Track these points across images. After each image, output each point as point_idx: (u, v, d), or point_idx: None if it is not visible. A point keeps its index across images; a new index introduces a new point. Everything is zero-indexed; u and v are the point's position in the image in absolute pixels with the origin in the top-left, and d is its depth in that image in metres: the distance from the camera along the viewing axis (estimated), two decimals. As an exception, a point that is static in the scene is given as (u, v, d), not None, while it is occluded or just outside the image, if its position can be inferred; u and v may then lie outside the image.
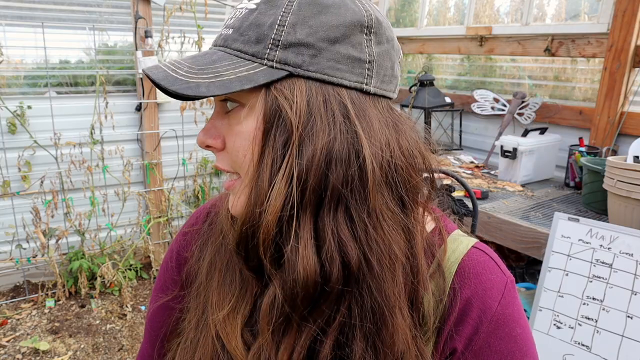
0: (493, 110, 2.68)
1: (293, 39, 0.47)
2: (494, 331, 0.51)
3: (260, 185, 0.47)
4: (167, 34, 2.79)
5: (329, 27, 0.48)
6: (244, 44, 0.48)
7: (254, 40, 0.48)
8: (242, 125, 0.49)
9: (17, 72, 2.62)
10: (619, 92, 2.10)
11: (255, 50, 0.48)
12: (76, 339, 2.38)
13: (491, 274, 0.54)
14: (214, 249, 0.60)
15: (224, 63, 0.48)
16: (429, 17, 3.30)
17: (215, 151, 0.53)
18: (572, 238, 1.44)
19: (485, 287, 0.52)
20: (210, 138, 0.52)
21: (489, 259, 0.55)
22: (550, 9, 2.63)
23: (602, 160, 1.83)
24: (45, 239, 2.62)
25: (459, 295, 0.52)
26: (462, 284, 0.53)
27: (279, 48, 0.47)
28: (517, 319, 0.53)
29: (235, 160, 0.51)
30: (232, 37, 0.49)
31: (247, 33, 0.48)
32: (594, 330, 1.32)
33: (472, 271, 0.53)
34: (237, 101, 0.50)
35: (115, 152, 2.79)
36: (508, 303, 0.52)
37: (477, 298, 0.52)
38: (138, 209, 2.98)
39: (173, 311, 0.66)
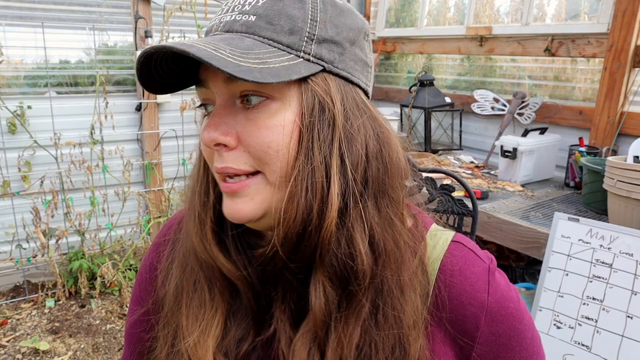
0: (493, 110, 2.68)
1: (326, 35, 0.48)
2: (494, 319, 0.53)
3: (312, 180, 0.47)
4: (167, 34, 2.79)
5: (349, 29, 0.51)
6: (277, 34, 0.47)
7: (288, 30, 0.47)
8: (273, 119, 0.47)
9: (17, 72, 2.62)
10: (619, 92, 2.10)
11: (291, 42, 0.47)
12: (76, 339, 2.38)
13: (473, 267, 0.55)
14: (179, 271, 0.58)
15: (262, 50, 0.46)
16: (429, 17, 3.30)
17: (226, 150, 0.49)
18: (572, 238, 1.44)
19: (472, 282, 0.54)
20: (222, 135, 0.48)
21: (468, 250, 0.57)
22: (550, 9, 2.63)
23: (602, 160, 1.83)
24: (45, 239, 2.62)
25: (447, 294, 0.54)
26: (448, 283, 0.54)
27: (313, 42, 0.48)
28: (506, 297, 0.54)
29: (261, 157, 0.47)
30: (258, 25, 0.47)
31: (279, 22, 0.47)
32: (594, 330, 1.32)
33: (455, 268, 0.55)
34: (265, 94, 0.47)
35: (115, 152, 2.79)
36: (495, 289, 0.54)
37: (467, 295, 0.53)
38: (138, 209, 2.98)
39: (149, 325, 0.66)
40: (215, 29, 0.50)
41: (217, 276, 0.54)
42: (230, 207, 0.50)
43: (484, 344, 0.53)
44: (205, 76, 0.50)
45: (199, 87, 0.52)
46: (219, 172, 0.50)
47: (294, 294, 0.52)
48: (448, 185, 1.18)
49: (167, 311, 0.60)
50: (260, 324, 0.55)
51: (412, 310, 0.51)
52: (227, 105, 0.49)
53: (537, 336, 0.57)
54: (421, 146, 2.90)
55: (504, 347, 0.53)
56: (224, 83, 0.48)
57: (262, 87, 0.46)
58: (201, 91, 0.52)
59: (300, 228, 0.47)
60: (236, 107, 0.49)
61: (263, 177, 0.49)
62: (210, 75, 0.49)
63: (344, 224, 0.48)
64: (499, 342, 0.53)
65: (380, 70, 3.62)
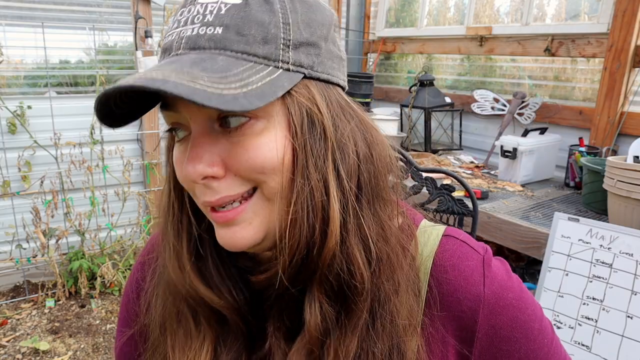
0: (493, 110, 2.68)
1: (301, 38, 0.45)
2: (492, 311, 0.51)
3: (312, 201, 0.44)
4: (167, 34, 2.79)
5: (321, 25, 0.47)
6: (249, 45, 0.43)
7: (261, 40, 0.43)
8: (261, 138, 0.43)
9: (17, 72, 2.62)
10: (619, 92, 2.10)
11: (267, 52, 0.43)
12: (76, 339, 2.38)
13: (467, 260, 0.53)
14: (161, 302, 0.56)
15: (240, 69, 0.42)
16: (429, 17, 3.30)
17: (216, 181, 0.44)
18: (572, 238, 1.44)
19: (466, 276, 0.52)
20: (208, 166, 0.43)
21: (460, 243, 0.55)
22: (550, 9, 2.63)
23: (602, 160, 1.83)
24: (45, 239, 2.62)
25: (442, 291, 0.52)
26: (442, 280, 0.52)
27: (290, 49, 0.44)
28: (504, 286, 0.52)
29: (256, 177, 0.44)
30: (227, 38, 0.43)
31: (249, 32, 0.43)
32: (594, 330, 1.32)
33: (448, 264, 0.52)
34: (247, 115, 0.43)
35: (115, 152, 2.79)
36: (491, 279, 0.52)
37: (462, 290, 0.51)
38: (138, 209, 2.98)
39: (138, 347, 0.64)
40: (176, 47, 0.44)
41: (200, 306, 0.52)
42: (228, 237, 0.46)
43: (484, 339, 0.51)
44: (174, 101, 0.44)
45: (165, 111, 0.46)
46: (214, 205, 0.45)
47: (288, 310, 0.50)
48: (448, 185, 1.18)
49: (154, 341, 0.58)
50: (252, 343, 0.53)
51: (407, 313, 0.49)
52: (205, 132, 0.44)
53: (547, 325, 0.54)
54: (421, 146, 2.90)
55: (507, 339, 0.51)
56: (197, 107, 0.43)
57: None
58: (168, 115, 0.46)
59: (304, 252, 0.45)
60: (215, 131, 0.44)
61: (259, 194, 0.45)
62: (183, 101, 0.42)
63: (343, 239, 0.46)
64: (500, 335, 0.51)
65: (380, 70, 3.62)
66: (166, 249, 0.52)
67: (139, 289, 0.64)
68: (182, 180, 0.47)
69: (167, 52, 0.45)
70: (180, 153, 0.47)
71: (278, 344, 0.50)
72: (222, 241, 0.47)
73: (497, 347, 0.51)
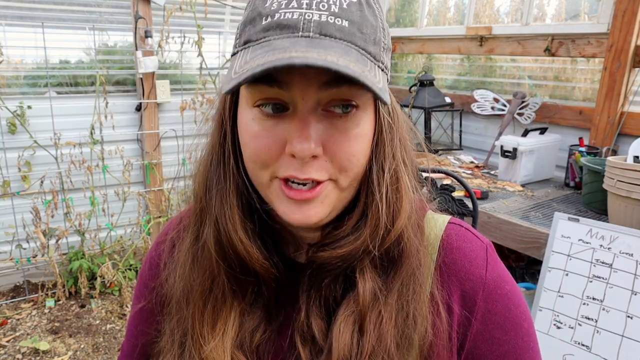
0: (493, 110, 2.68)
1: (389, 44, 0.50)
2: (489, 295, 0.55)
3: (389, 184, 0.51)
4: (167, 34, 2.79)
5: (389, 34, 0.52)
6: (366, 43, 0.46)
7: (372, 41, 0.46)
8: (359, 128, 0.48)
9: (17, 72, 2.62)
10: (619, 92, 2.10)
11: (375, 52, 0.47)
12: (76, 339, 2.38)
13: (471, 244, 0.57)
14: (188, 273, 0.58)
15: (368, 65, 0.45)
16: (429, 17, 3.30)
17: (313, 160, 0.47)
18: (572, 238, 1.44)
19: (470, 259, 0.56)
20: (317, 146, 0.46)
21: (465, 230, 0.59)
22: (550, 9, 2.63)
23: (602, 160, 1.82)
24: (45, 239, 2.62)
25: (447, 271, 0.56)
26: (448, 260, 0.56)
27: (385, 52, 0.48)
28: (503, 277, 0.56)
29: (344, 165, 0.48)
30: (353, 33, 0.45)
31: (367, 31, 0.46)
32: (594, 330, 1.32)
33: (453, 246, 0.57)
34: (354, 103, 0.47)
35: (115, 152, 2.79)
36: (493, 266, 0.56)
37: (465, 270, 0.55)
38: (138, 209, 2.98)
39: (149, 319, 0.67)
40: (305, 28, 0.44)
41: (240, 272, 0.54)
42: (301, 213, 0.49)
43: (480, 321, 0.54)
44: (290, 79, 0.45)
45: (266, 85, 0.46)
46: (299, 180, 0.47)
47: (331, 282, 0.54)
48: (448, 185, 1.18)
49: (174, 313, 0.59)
50: (269, 312, 0.57)
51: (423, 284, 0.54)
52: (313, 112, 0.46)
53: (534, 333, 0.58)
54: (421, 146, 2.90)
55: (500, 327, 0.55)
56: (316, 89, 0.45)
57: (355, 96, 0.46)
58: (268, 90, 0.46)
59: (383, 231, 0.51)
60: (318, 114, 0.47)
61: (334, 184, 0.49)
62: (300, 79, 0.44)
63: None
64: (495, 321, 0.55)
65: (380, 70, 3.62)
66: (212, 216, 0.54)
67: (155, 265, 0.67)
68: (264, 152, 0.48)
69: (288, 29, 0.44)
70: (266, 128, 0.48)
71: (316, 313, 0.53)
72: (291, 216, 0.49)
73: (490, 333, 0.55)
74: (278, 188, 0.49)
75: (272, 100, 0.47)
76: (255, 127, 0.48)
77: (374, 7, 0.48)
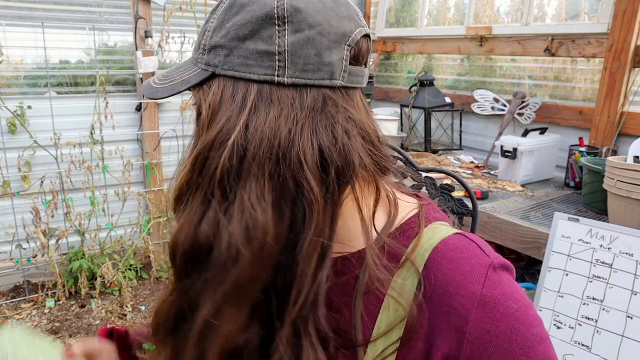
0: (493, 110, 2.68)
1: (213, 42, 0.53)
2: (488, 314, 0.47)
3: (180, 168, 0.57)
4: (167, 34, 2.79)
5: (239, 26, 0.51)
6: (194, 52, 0.56)
7: (196, 47, 0.56)
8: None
9: (17, 72, 2.61)
10: (619, 92, 2.10)
11: (196, 56, 0.55)
12: (76, 339, 2.38)
13: (470, 258, 0.50)
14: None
15: (181, 70, 0.56)
16: (429, 17, 3.30)
17: None
18: (572, 238, 1.44)
19: (464, 272, 0.49)
20: None
21: (470, 242, 0.53)
22: (550, 9, 2.63)
23: (602, 160, 1.82)
24: (45, 239, 2.62)
25: (432, 283, 0.49)
26: (436, 270, 0.50)
27: (205, 52, 0.54)
28: (509, 296, 0.49)
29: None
30: (193, 56, 0.57)
31: (196, 43, 0.56)
32: (594, 330, 1.32)
33: (446, 256, 0.50)
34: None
35: (115, 152, 2.79)
36: (494, 284, 0.49)
37: (455, 284, 0.49)
38: (138, 209, 2.98)
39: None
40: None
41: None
42: None
43: (474, 342, 0.47)
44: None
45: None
46: None
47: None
48: (448, 185, 1.18)
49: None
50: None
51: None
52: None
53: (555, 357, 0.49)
54: (421, 146, 2.90)
55: (502, 351, 0.47)
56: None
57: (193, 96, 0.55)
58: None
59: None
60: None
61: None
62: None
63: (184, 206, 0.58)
64: (495, 344, 0.47)
65: (380, 70, 3.62)
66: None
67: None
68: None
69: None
70: None
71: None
72: None
73: (490, 357, 0.47)
74: None
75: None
76: None
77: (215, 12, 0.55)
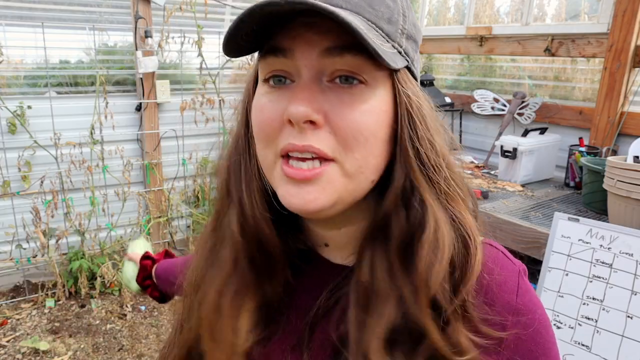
0: (493, 110, 2.68)
1: (410, 33, 0.49)
2: (520, 321, 0.51)
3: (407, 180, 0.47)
4: (167, 34, 2.79)
5: (419, 30, 0.51)
6: (378, 19, 0.45)
7: (387, 19, 0.45)
8: (367, 104, 0.45)
9: (17, 72, 2.62)
10: (619, 92, 2.10)
11: (389, 31, 0.46)
12: (76, 339, 2.38)
13: (502, 269, 0.53)
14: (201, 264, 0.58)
15: (374, 34, 0.44)
16: (429, 17, 3.30)
17: (312, 128, 0.44)
18: (572, 238, 1.44)
19: (499, 283, 0.52)
20: (314, 111, 0.43)
21: (498, 252, 0.55)
22: (550, 9, 2.63)
23: (602, 160, 1.82)
24: (45, 239, 2.62)
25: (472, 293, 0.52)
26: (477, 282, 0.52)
27: (404, 37, 0.47)
28: (535, 303, 0.53)
29: (349, 142, 0.44)
30: (361, 5, 0.44)
31: (379, 8, 0.45)
32: (594, 330, 1.32)
33: (484, 268, 0.52)
34: (360, 78, 0.45)
35: (115, 152, 2.79)
36: (524, 292, 0.52)
37: (491, 294, 0.51)
38: (138, 209, 2.98)
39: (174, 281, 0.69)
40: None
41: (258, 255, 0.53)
42: (299, 197, 0.45)
43: (510, 348, 0.50)
44: (292, 45, 0.44)
45: (273, 56, 0.46)
46: (298, 149, 0.45)
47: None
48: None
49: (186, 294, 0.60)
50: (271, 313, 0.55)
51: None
52: (315, 81, 0.45)
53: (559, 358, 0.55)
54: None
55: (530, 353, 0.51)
56: (318, 56, 0.44)
57: (361, 69, 0.44)
58: (275, 61, 0.46)
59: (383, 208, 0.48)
60: (323, 84, 0.45)
61: (339, 167, 0.45)
62: (302, 45, 0.44)
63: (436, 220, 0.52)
64: (525, 347, 0.51)
65: (380, 70, 3.62)
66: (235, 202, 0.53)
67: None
68: (267, 124, 0.47)
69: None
70: (270, 100, 0.47)
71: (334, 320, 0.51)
72: (290, 200, 0.46)
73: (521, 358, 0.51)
74: (280, 168, 0.46)
75: (278, 72, 0.46)
76: (262, 101, 0.48)
77: None
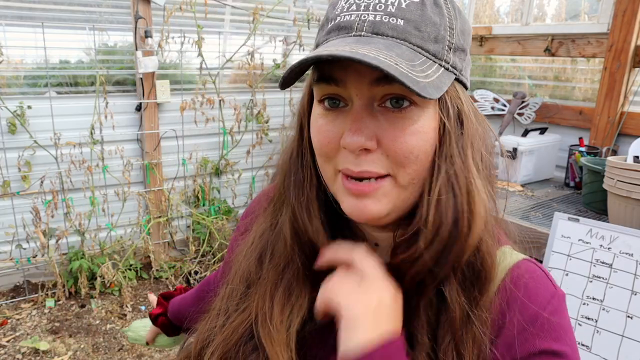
0: (493, 110, 2.68)
1: (458, 44, 0.51)
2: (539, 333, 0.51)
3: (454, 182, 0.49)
4: (167, 34, 2.79)
5: (468, 35, 0.53)
6: (424, 41, 0.48)
7: (433, 38, 0.48)
8: (417, 124, 0.48)
9: (17, 72, 2.61)
10: (619, 92, 2.10)
11: (435, 50, 0.48)
12: (76, 339, 2.38)
13: (539, 285, 0.53)
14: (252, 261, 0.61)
15: (419, 61, 0.47)
16: (429, 17, 3.30)
17: (365, 154, 0.48)
18: (572, 238, 1.44)
19: (530, 295, 0.52)
20: (368, 140, 0.47)
21: (540, 270, 0.56)
22: (550, 9, 2.63)
23: (602, 160, 1.82)
24: (45, 239, 2.62)
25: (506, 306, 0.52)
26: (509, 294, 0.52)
27: (451, 51, 0.49)
28: (566, 329, 0.52)
29: (401, 161, 0.48)
30: (408, 31, 0.47)
31: (425, 29, 0.48)
32: (594, 330, 1.32)
33: (520, 282, 0.53)
34: (410, 99, 0.48)
35: (115, 152, 2.79)
36: (555, 311, 0.52)
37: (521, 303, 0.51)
38: (138, 209, 2.98)
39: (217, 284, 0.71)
40: (359, 28, 0.48)
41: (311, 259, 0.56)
42: (358, 208, 0.50)
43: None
44: (344, 76, 0.48)
45: (326, 84, 0.50)
46: (354, 175, 0.49)
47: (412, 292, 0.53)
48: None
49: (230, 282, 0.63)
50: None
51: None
52: (367, 108, 0.48)
53: None
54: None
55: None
56: (369, 86, 0.47)
57: (410, 93, 0.46)
58: (330, 87, 0.50)
59: (447, 234, 0.49)
60: (374, 109, 0.48)
61: (393, 180, 0.49)
62: (353, 75, 0.48)
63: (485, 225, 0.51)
64: None
65: (380, 70, 3.62)
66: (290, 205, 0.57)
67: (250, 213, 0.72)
68: (325, 144, 0.51)
69: (344, 30, 0.49)
70: (327, 122, 0.51)
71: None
72: (350, 209, 0.51)
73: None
74: (341, 181, 0.51)
75: (332, 96, 0.50)
76: (319, 122, 0.52)
77: (442, 6, 0.49)
